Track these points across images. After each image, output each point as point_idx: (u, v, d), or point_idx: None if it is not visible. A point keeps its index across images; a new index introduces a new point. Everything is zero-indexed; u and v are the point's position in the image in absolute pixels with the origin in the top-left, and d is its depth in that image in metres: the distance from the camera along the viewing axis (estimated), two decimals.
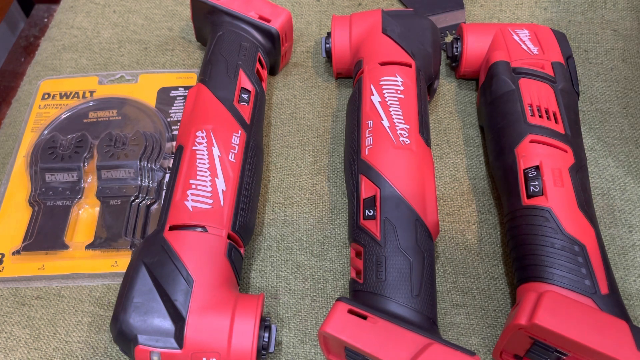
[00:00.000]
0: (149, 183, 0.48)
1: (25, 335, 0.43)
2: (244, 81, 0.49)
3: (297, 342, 0.42)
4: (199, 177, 0.42)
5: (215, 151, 0.43)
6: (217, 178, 0.42)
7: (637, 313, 0.43)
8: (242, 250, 0.42)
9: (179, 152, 0.44)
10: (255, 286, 0.45)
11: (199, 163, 0.42)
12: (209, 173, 0.42)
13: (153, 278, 0.37)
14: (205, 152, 0.43)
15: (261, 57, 0.52)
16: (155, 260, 0.38)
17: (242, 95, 0.48)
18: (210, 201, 0.41)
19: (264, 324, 0.38)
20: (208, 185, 0.41)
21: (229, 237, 0.41)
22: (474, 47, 0.53)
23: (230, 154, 0.43)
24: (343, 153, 0.51)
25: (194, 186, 0.41)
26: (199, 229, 0.40)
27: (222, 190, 0.41)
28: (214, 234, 0.40)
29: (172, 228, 0.40)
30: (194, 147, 0.43)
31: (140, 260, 0.38)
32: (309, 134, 0.54)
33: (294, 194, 0.50)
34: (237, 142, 0.44)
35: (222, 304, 0.37)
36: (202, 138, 0.43)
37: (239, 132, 0.45)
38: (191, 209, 0.40)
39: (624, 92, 0.55)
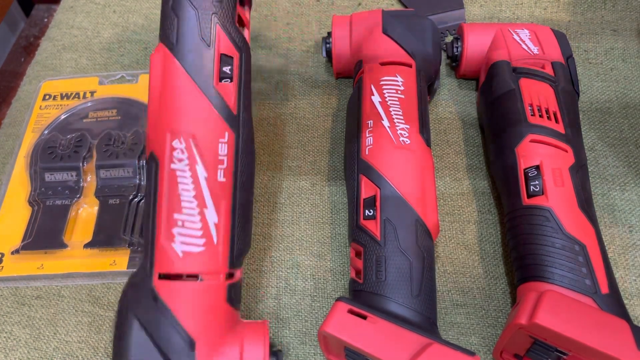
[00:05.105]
0: None
1: (25, 335, 0.43)
2: (225, 44, 0.37)
3: (297, 343, 0.42)
4: (184, 211, 0.35)
5: (200, 171, 0.35)
6: (207, 208, 0.35)
7: (637, 312, 0.43)
8: (239, 274, 0.38)
9: (154, 167, 0.36)
10: (255, 286, 0.45)
11: (182, 190, 0.35)
12: (196, 204, 0.35)
13: (150, 337, 0.34)
14: (188, 174, 0.35)
15: None
16: (149, 318, 0.34)
17: (224, 68, 0.37)
18: (202, 241, 0.35)
19: (272, 350, 0.36)
20: (197, 220, 0.35)
21: (227, 274, 0.36)
22: (474, 47, 0.53)
23: (219, 172, 0.36)
24: (343, 153, 0.51)
25: (180, 223, 0.35)
26: (193, 279, 0.35)
27: (214, 223, 0.35)
28: (210, 282, 0.35)
29: (161, 277, 0.35)
30: (172, 165, 0.35)
31: (132, 314, 0.34)
32: (309, 134, 0.54)
33: (294, 194, 0.50)
34: (225, 152, 0.36)
35: (227, 351, 0.35)
36: (182, 152, 0.35)
37: (226, 135, 0.36)
38: (181, 255, 0.34)
39: (623, 92, 0.55)
